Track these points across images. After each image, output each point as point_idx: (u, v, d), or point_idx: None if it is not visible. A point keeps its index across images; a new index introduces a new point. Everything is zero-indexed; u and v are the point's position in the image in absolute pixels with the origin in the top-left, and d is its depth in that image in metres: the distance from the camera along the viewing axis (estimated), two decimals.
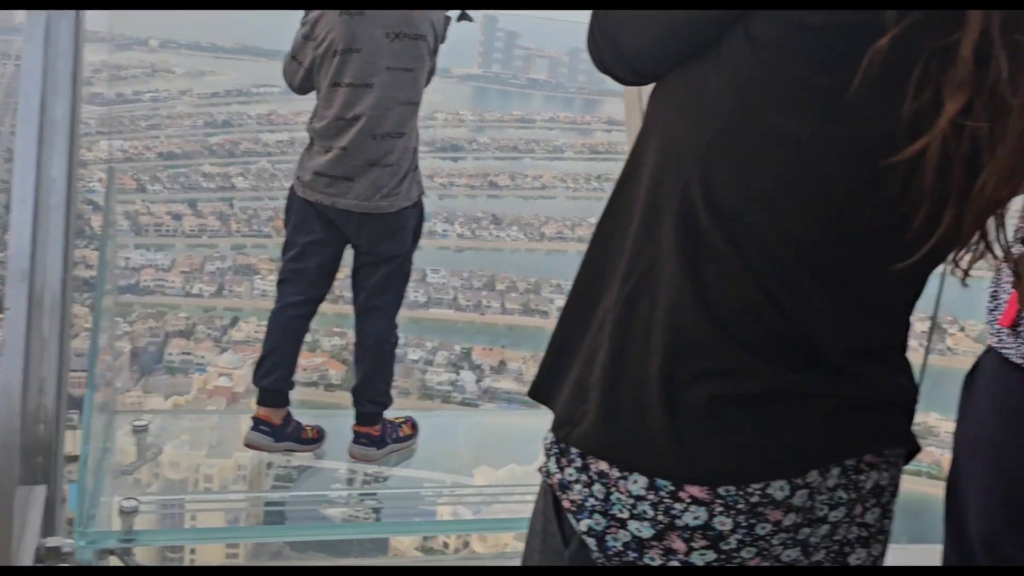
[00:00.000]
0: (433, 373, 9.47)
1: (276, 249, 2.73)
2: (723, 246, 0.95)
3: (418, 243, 2.63)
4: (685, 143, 0.97)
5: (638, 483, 0.97)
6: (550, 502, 1.06)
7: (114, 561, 2.24)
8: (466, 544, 5.14)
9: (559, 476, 1.02)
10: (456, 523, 2.93)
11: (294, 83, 2.53)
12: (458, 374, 9.54)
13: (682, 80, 0.98)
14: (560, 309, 1.10)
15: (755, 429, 0.97)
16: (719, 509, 0.96)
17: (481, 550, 5.55)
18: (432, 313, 10.49)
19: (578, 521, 1.00)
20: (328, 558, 3.31)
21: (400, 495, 2.74)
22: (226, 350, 9.21)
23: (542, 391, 1.10)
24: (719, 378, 0.96)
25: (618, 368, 0.99)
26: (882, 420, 1.05)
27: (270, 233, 9.68)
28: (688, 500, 0.95)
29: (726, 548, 0.97)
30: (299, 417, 2.63)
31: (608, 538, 0.99)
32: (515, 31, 10.89)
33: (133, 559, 2.23)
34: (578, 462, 1.00)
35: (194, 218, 9.74)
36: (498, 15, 10.02)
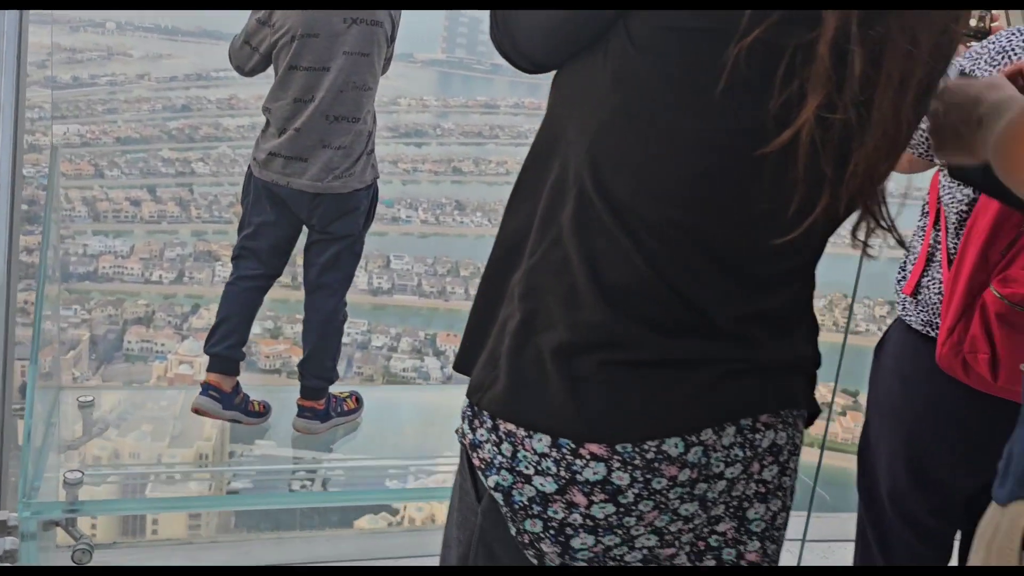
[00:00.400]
0: (397, 360, 9.46)
1: (237, 236, 2.75)
2: (614, 229, 1.02)
3: (371, 225, 2.69)
4: (578, 133, 1.03)
5: (542, 441, 1.04)
6: (465, 462, 1.13)
7: (60, 533, 2.22)
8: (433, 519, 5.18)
9: (471, 437, 1.10)
10: (406, 492, 2.94)
11: (244, 67, 2.55)
12: (422, 360, 9.53)
13: (574, 72, 1.04)
14: (481, 290, 1.18)
15: (647, 391, 1.04)
16: (617, 465, 1.03)
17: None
18: (396, 299, 10.45)
19: (487, 477, 1.07)
20: (288, 532, 3.31)
21: (359, 469, 2.75)
22: (187, 338, 9.10)
23: (463, 363, 1.17)
24: (610, 348, 1.04)
25: (524, 338, 1.07)
26: (777, 383, 1.11)
27: (231, 219, 9.56)
28: (588, 457, 1.03)
29: (624, 502, 1.04)
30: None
31: (515, 493, 1.06)
32: (479, 16, 10.84)
33: (78, 531, 2.20)
34: (489, 423, 1.08)
35: (153, 204, 9.61)
36: None
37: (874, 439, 1.88)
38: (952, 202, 1.71)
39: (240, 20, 2.68)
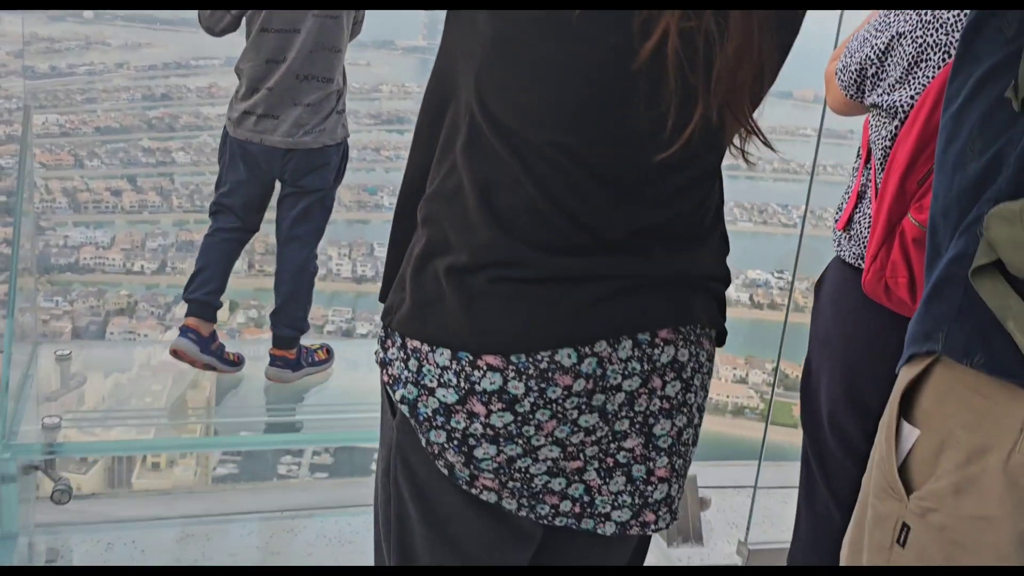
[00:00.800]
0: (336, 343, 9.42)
1: None
2: (502, 154, 1.07)
3: (340, 181, 2.79)
4: (463, 65, 1.11)
5: (443, 355, 1.10)
6: (382, 381, 1.20)
7: (40, 476, 2.26)
8: None
9: (382, 355, 1.17)
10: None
11: (215, 28, 2.64)
12: None
13: (460, 12, 1.11)
14: (393, 224, 1.25)
15: (538, 304, 1.09)
16: (512, 375, 1.08)
17: None
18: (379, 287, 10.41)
19: (394, 392, 1.14)
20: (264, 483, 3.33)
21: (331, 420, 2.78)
22: (170, 328, 9.07)
23: (384, 293, 1.24)
24: (500, 267, 1.09)
25: (425, 261, 1.14)
26: (676, 298, 1.15)
27: None
28: (485, 368, 1.08)
29: (521, 411, 1.09)
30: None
31: (420, 405, 1.12)
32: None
33: (57, 473, 2.26)
34: (399, 342, 1.15)
35: (134, 194, 9.55)
36: None
37: (815, 369, 1.98)
38: (878, 139, 1.81)
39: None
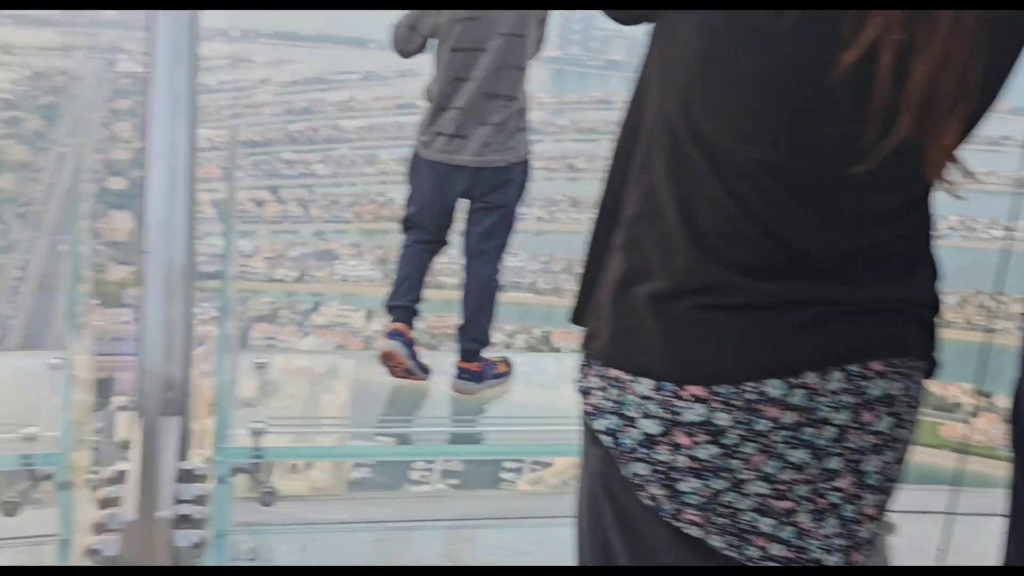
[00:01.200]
0: (512, 356, 9.49)
1: (356, 235, 2.89)
2: (706, 173, 1.04)
3: (523, 197, 2.85)
4: (668, 81, 1.08)
5: (646, 385, 1.08)
6: (583, 410, 1.18)
7: (244, 479, 2.43)
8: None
9: (583, 384, 1.16)
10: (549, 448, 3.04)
11: (406, 49, 2.75)
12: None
13: (664, 23, 1.09)
14: (589, 243, 1.23)
15: (744, 333, 1.06)
16: (717, 406, 1.05)
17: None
18: (511, 296, 10.50)
19: (596, 422, 1.13)
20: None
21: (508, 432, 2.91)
22: (309, 334, 9.37)
23: (577, 315, 1.24)
24: (704, 293, 1.06)
25: (625, 287, 1.12)
26: (887, 328, 1.09)
27: (350, 219, 9.78)
28: (689, 399, 1.05)
29: (727, 443, 1.05)
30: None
31: (622, 435, 1.10)
32: (592, 13, 10.78)
33: (263, 476, 2.42)
34: (598, 371, 1.13)
35: (276, 204, 9.91)
36: None
37: None
38: None
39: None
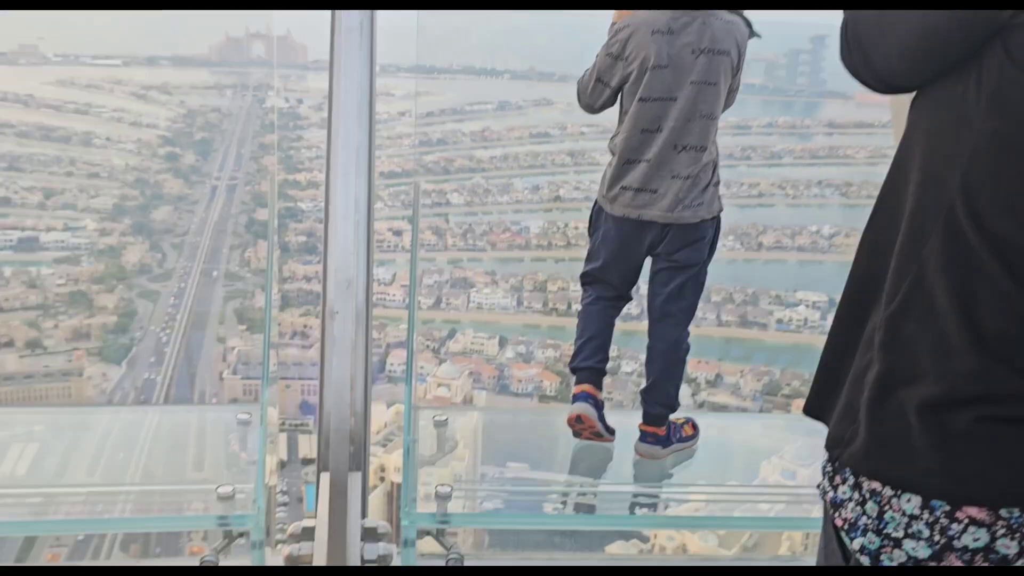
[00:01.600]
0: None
1: (491, 263, 2.83)
2: (993, 267, 0.93)
3: (714, 254, 2.74)
4: (946, 161, 0.96)
5: (912, 502, 0.97)
6: (829, 521, 1.08)
7: (429, 541, 2.42)
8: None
9: (832, 494, 1.06)
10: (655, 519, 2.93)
11: (595, 104, 2.65)
12: None
13: (940, 95, 0.97)
14: (834, 331, 1.12)
15: None
16: (1002, 532, 0.94)
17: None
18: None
19: (851, 540, 1.02)
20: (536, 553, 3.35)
21: (612, 494, 2.80)
22: (444, 361, 9.49)
23: (815, 407, 1.14)
24: (990, 403, 0.94)
25: (886, 389, 1.00)
26: None
27: (484, 247, 9.89)
28: (966, 521, 0.94)
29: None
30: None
31: (883, 557, 0.99)
32: None
33: (447, 540, 2.41)
34: (851, 480, 1.03)
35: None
36: None
37: None
38: None
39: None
